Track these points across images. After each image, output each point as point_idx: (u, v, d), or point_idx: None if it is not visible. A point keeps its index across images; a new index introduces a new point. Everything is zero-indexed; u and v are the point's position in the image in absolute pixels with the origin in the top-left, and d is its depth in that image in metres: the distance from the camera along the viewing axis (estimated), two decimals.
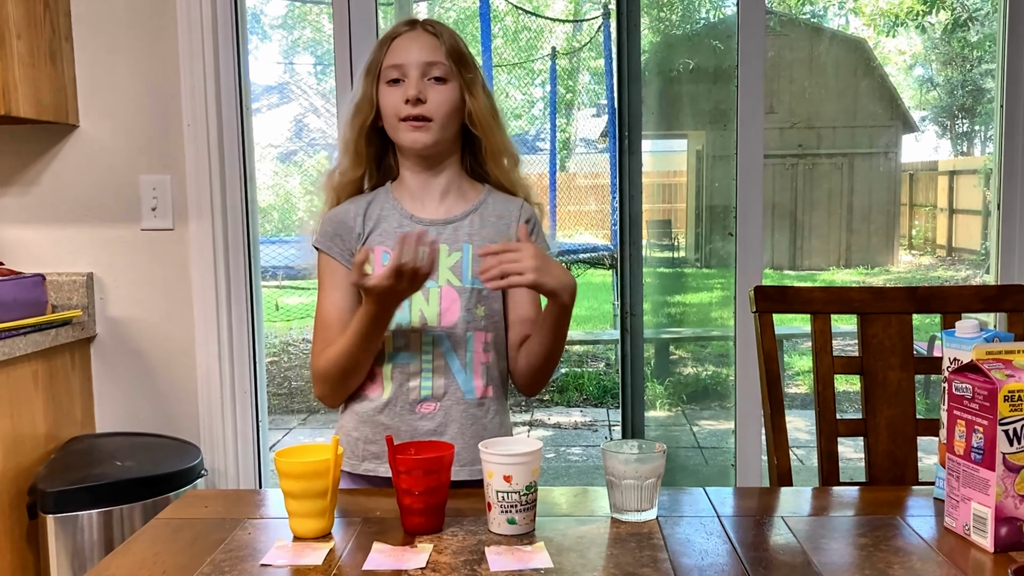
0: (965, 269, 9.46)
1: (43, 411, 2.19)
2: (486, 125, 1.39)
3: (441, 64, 1.36)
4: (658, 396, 4.33)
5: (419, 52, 1.36)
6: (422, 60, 1.35)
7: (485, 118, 1.38)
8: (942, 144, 10.81)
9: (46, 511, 2.00)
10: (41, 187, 2.37)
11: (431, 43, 1.36)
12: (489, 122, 1.39)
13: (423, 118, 1.36)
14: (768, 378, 1.60)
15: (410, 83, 1.35)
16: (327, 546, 1.13)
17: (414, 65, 1.35)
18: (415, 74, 1.35)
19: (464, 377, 1.40)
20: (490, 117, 1.39)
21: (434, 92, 1.36)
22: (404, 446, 1.23)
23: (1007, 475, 1.09)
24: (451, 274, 1.41)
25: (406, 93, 1.35)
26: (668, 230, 6.26)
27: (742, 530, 1.19)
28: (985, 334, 1.23)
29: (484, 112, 1.38)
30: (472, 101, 1.37)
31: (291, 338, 7.86)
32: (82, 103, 2.35)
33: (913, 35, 9.70)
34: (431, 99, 1.36)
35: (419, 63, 1.35)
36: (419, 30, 1.37)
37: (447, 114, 1.37)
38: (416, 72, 1.35)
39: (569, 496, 1.38)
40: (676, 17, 5.88)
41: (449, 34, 1.39)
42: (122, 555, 1.12)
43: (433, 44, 1.36)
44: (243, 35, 2.41)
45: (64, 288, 2.35)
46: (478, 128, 1.39)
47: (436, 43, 1.36)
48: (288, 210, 10.53)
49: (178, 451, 2.23)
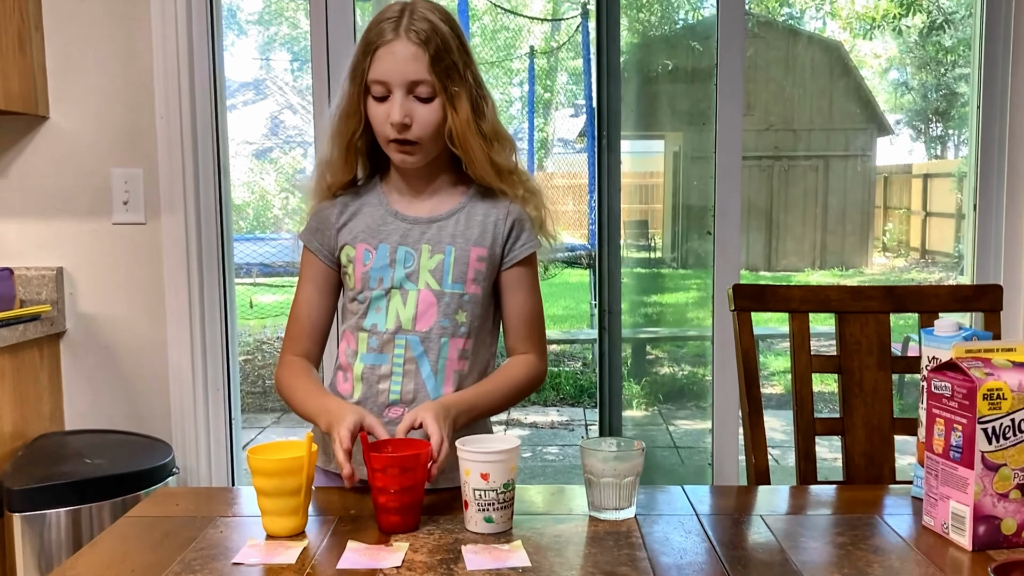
0: (939, 271, 9.56)
1: (10, 408, 2.14)
2: (465, 142, 1.35)
3: (425, 83, 1.32)
4: (635, 396, 4.34)
5: (403, 69, 1.32)
6: (406, 80, 1.32)
7: (464, 135, 1.35)
8: (916, 147, 10.93)
9: (13, 509, 1.96)
10: (9, 179, 2.33)
11: (415, 55, 1.31)
12: (468, 138, 1.35)
13: (409, 141, 1.34)
14: (746, 377, 1.59)
15: (395, 106, 1.32)
16: (300, 544, 1.11)
17: (398, 84, 1.32)
18: (400, 94, 1.32)
19: (434, 383, 1.38)
20: (471, 131, 1.35)
21: (419, 111, 1.33)
22: (380, 443, 1.21)
23: (985, 473, 1.09)
24: (431, 277, 1.39)
25: (391, 116, 1.32)
26: (645, 230, 6.27)
27: (721, 529, 1.19)
28: (964, 333, 1.23)
29: (464, 128, 1.34)
30: (453, 117, 1.34)
31: (265, 336, 7.80)
32: (52, 94, 2.31)
33: (889, 39, 9.80)
34: (416, 119, 1.33)
35: (403, 82, 1.32)
36: (403, 39, 1.32)
37: (432, 135, 1.35)
38: (401, 92, 1.32)
39: (546, 494, 1.36)
40: (655, 18, 5.90)
41: (435, 37, 1.32)
42: (89, 554, 1.10)
43: (418, 56, 1.31)
44: (218, 28, 2.38)
45: (33, 282, 2.31)
46: (458, 147, 1.36)
47: (421, 54, 1.31)
48: (263, 207, 10.47)
49: (149, 449, 2.20)
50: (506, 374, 1.41)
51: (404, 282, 1.38)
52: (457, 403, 1.31)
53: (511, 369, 1.42)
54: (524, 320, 1.43)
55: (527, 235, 1.43)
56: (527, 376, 1.42)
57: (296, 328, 1.44)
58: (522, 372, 1.41)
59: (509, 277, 1.42)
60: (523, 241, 1.42)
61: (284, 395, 1.41)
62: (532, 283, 1.44)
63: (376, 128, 1.36)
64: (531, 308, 1.44)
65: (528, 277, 1.44)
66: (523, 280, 1.43)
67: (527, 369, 1.42)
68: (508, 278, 1.42)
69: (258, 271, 8.57)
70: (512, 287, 1.43)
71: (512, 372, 1.41)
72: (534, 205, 1.44)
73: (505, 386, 1.39)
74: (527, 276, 1.43)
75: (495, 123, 1.39)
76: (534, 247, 1.43)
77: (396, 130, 1.32)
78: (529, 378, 1.42)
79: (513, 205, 1.42)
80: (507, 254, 1.41)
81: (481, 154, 1.37)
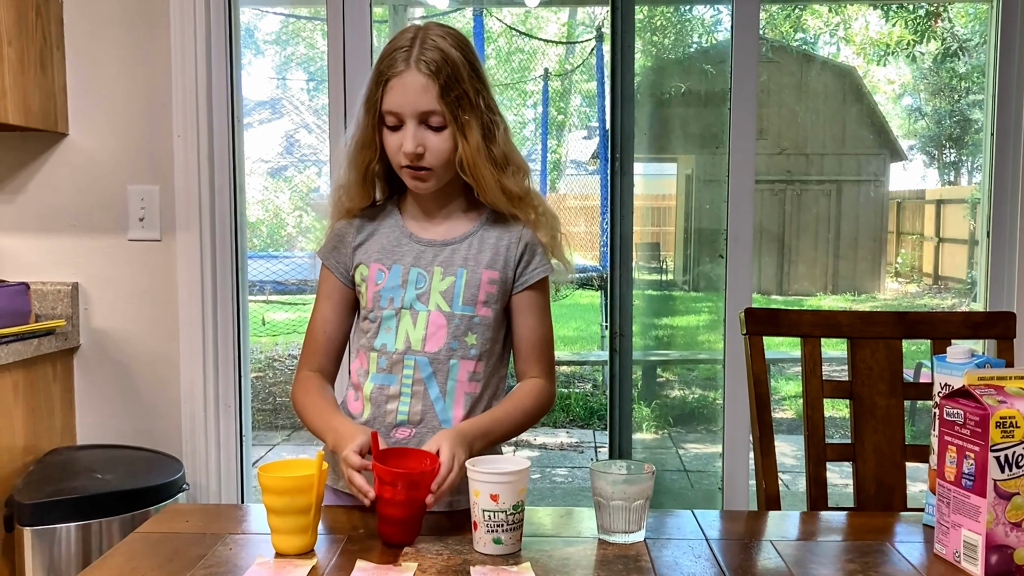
0: (951, 297, 9.51)
1: (23, 422, 2.15)
2: (476, 170, 1.37)
3: (436, 114, 1.34)
4: (644, 418, 4.32)
5: (414, 101, 1.33)
6: (418, 111, 1.34)
7: (475, 163, 1.36)
8: (929, 173, 10.90)
9: (23, 523, 1.96)
10: (28, 195, 2.35)
11: (425, 87, 1.33)
12: (479, 166, 1.36)
13: (423, 167, 1.36)
14: (757, 401, 1.59)
15: (407, 136, 1.34)
16: (309, 563, 1.11)
17: (410, 116, 1.34)
18: (412, 124, 1.34)
19: (443, 405, 1.39)
20: (481, 159, 1.36)
21: (431, 140, 1.35)
22: (389, 452, 1.21)
23: (998, 502, 1.08)
24: (441, 299, 1.39)
25: (404, 147, 1.34)
26: (657, 253, 6.27)
27: (730, 554, 1.18)
28: (976, 360, 1.22)
29: (474, 156, 1.35)
30: (464, 146, 1.35)
31: (277, 354, 7.81)
32: (72, 111, 2.33)
33: (902, 65, 9.80)
34: (429, 148, 1.35)
35: (415, 113, 1.34)
36: (413, 70, 1.33)
37: (445, 163, 1.37)
38: (413, 122, 1.34)
39: (555, 516, 1.36)
40: (669, 41, 5.93)
41: (445, 67, 1.33)
42: (98, 569, 1.10)
43: (428, 88, 1.33)
44: (236, 48, 2.41)
45: (48, 297, 2.33)
46: (468, 175, 1.38)
47: (431, 85, 1.33)
48: (277, 225, 10.51)
49: (159, 465, 2.21)
50: (517, 400, 1.41)
51: (415, 303, 1.39)
52: (473, 430, 1.31)
53: (521, 395, 1.42)
54: (533, 344, 1.44)
55: (539, 259, 1.43)
56: (537, 402, 1.42)
57: (312, 344, 1.46)
58: (532, 397, 1.42)
59: (520, 301, 1.43)
60: (534, 266, 1.43)
61: (297, 410, 1.43)
62: (543, 307, 1.45)
63: (390, 156, 1.39)
64: (541, 333, 1.44)
65: (539, 301, 1.44)
66: (534, 304, 1.43)
67: (537, 393, 1.42)
68: (519, 302, 1.43)
69: (271, 289, 8.59)
70: (523, 311, 1.43)
71: (523, 398, 1.41)
72: (547, 229, 1.45)
73: (517, 411, 1.40)
74: (538, 300, 1.44)
75: (507, 147, 1.40)
76: (546, 272, 1.44)
77: (409, 159, 1.34)
78: (539, 404, 1.43)
79: (526, 229, 1.43)
80: (518, 278, 1.42)
81: (492, 181, 1.38)
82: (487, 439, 1.33)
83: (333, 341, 1.46)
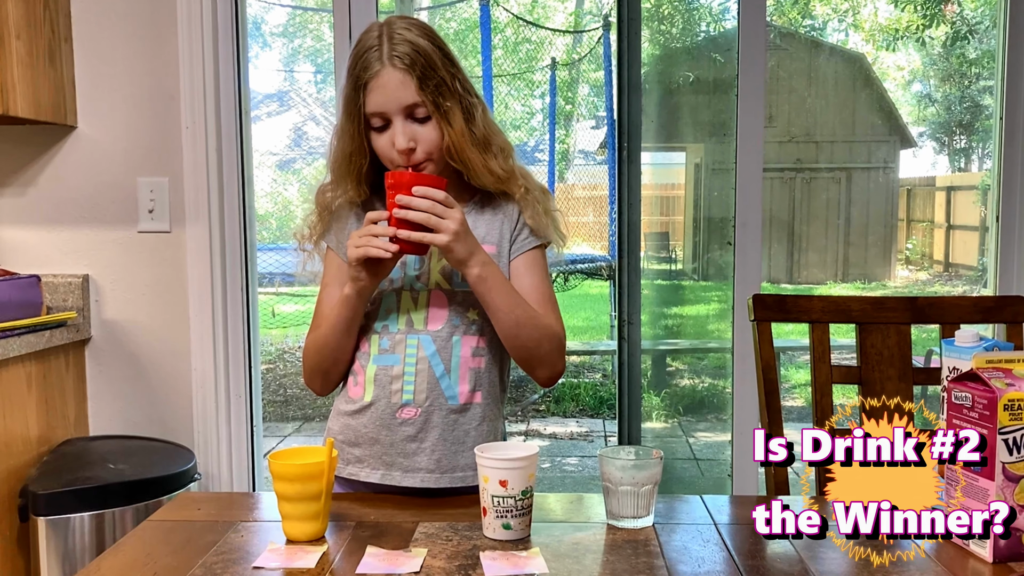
0: (962, 285, 9.47)
1: (36, 413, 2.17)
2: (463, 155, 1.38)
3: (419, 106, 1.35)
4: (654, 407, 4.33)
5: (397, 97, 1.34)
6: (402, 105, 1.34)
7: (461, 149, 1.37)
8: (940, 160, 10.84)
9: (37, 513, 1.98)
10: (38, 188, 2.37)
11: (403, 81, 1.33)
12: (466, 151, 1.37)
13: (419, 162, 1.37)
14: (766, 387, 1.59)
15: (397, 132, 1.35)
16: (320, 549, 1.12)
17: (395, 112, 1.35)
18: (399, 120, 1.35)
19: (448, 382, 1.39)
20: (467, 144, 1.37)
21: (420, 132, 1.36)
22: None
23: (1006, 485, 1.08)
24: (441, 277, 1.40)
25: (396, 143, 1.35)
26: (665, 242, 6.26)
27: (739, 538, 1.19)
28: (985, 343, 1.22)
29: (460, 142, 1.36)
30: (449, 133, 1.36)
31: (287, 346, 7.83)
32: (81, 104, 2.34)
33: (912, 51, 9.75)
34: (419, 140, 1.36)
35: (399, 109, 1.35)
36: (389, 68, 1.34)
37: (437, 150, 1.37)
38: (399, 118, 1.35)
39: (565, 503, 1.37)
40: (676, 30, 5.90)
41: (419, 58, 1.34)
42: (113, 556, 1.11)
43: (406, 82, 1.33)
44: (243, 40, 2.41)
45: (59, 289, 2.34)
46: (456, 160, 1.38)
47: (408, 79, 1.33)
48: (286, 218, 10.52)
49: (171, 455, 2.22)
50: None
51: (414, 283, 1.40)
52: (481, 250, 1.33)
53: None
54: (537, 300, 1.41)
55: (525, 234, 1.44)
56: (545, 320, 1.39)
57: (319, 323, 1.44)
58: (540, 313, 1.39)
59: (518, 264, 1.43)
60: (527, 234, 1.43)
61: (313, 343, 1.42)
62: (542, 269, 1.44)
63: (383, 156, 1.39)
64: (544, 289, 1.43)
65: (537, 262, 1.44)
66: (532, 265, 1.43)
67: (545, 314, 1.40)
68: (517, 265, 1.43)
69: (280, 281, 8.61)
70: (522, 273, 1.42)
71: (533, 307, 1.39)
72: (537, 205, 1.45)
73: (523, 302, 1.37)
74: (536, 261, 1.44)
75: (488, 128, 1.40)
76: (541, 240, 1.44)
77: (403, 154, 1.35)
78: (547, 321, 1.39)
79: (519, 203, 1.45)
80: (515, 244, 1.43)
81: (479, 163, 1.39)
82: (488, 268, 1.32)
83: None
